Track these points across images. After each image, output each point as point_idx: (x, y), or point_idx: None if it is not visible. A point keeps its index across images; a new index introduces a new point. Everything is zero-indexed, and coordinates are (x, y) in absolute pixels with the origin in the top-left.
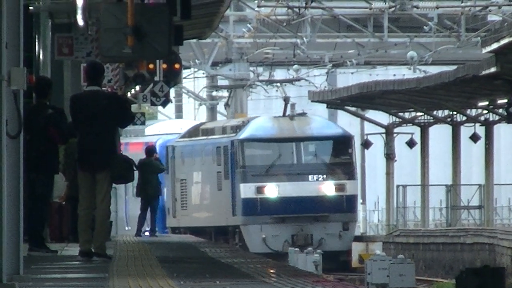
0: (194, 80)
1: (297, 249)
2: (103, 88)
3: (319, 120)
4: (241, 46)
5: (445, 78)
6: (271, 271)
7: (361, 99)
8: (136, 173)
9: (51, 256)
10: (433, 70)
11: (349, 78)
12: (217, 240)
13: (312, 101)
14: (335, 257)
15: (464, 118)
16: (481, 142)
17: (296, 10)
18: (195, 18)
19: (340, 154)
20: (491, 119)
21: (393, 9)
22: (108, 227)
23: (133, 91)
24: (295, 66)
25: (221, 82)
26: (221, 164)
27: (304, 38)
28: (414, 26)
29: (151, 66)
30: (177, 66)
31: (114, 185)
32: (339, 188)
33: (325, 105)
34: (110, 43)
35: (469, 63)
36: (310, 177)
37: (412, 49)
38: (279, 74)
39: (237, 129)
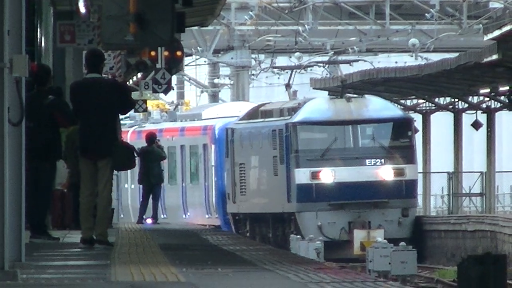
0: (196, 67)
1: (298, 236)
2: (104, 75)
3: (378, 102)
4: (243, 34)
5: (446, 66)
6: (273, 258)
7: (363, 87)
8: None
9: (53, 243)
10: (435, 57)
11: (350, 65)
12: (275, 228)
13: (313, 88)
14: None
15: (466, 105)
16: (483, 129)
17: None
18: (197, 5)
19: (399, 137)
20: (492, 106)
21: None
22: (110, 214)
23: (135, 78)
24: (297, 54)
25: (223, 69)
26: (277, 148)
27: (306, 26)
28: (416, 13)
29: (153, 53)
30: (179, 53)
31: (116, 172)
32: (398, 172)
33: (326, 92)
34: (112, 30)
35: (471, 51)
36: (367, 161)
37: (414, 37)
38: (281, 61)
39: (292, 111)
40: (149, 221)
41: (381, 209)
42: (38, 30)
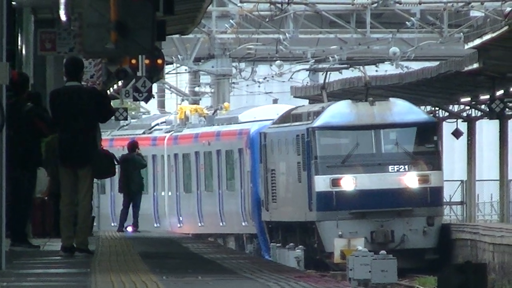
0: (176, 75)
1: (279, 244)
2: (83, 83)
3: (402, 105)
4: (223, 42)
5: (427, 74)
6: (254, 266)
7: (344, 95)
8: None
9: (33, 251)
10: (416, 66)
11: (332, 73)
12: (302, 237)
13: (294, 96)
14: (419, 255)
15: (446, 114)
16: (463, 138)
17: (279, 5)
18: (178, 13)
19: (424, 142)
20: (473, 115)
21: (375, 4)
22: (90, 222)
23: (115, 86)
24: (278, 62)
25: (204, 77)
26: (300, 154)
27: (287, 34)
28: (397, 22)
29: (133, 61)
30: (159, 61)
31: (96, 180)
32: (423, 179)
33: (307, 101)
34: (93, 38)
35: (452, 59)
36: (390, 168)
37: (395, 45)
38: (262, 70)
39: (315, 115)
40: (129, 229)
41: (405, 217)
42: (19, 38)
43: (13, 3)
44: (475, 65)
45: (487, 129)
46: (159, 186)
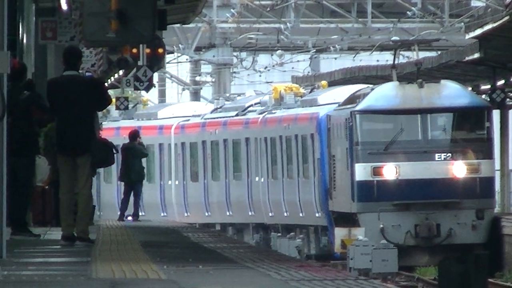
0: (177, 65)
1: (279, 234)
2: (84, 72)
3: (453, 88)
4: (224, 31)
5: (428, 64)
6: (255, 256)
7: (344, 85)
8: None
9: (34, 240)
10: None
11: (332, 63)
12: None
13: None
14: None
15: None
16: None
17: None
18: (179, 2)
19: (474, 129)
20: None
21: None
22: (91, 211)
23: (116, 75)
24: (279, 52)
25: (204, 67)
26: (348, 140)
27: (288, 24)
28: (398, 11)
29: (134, 50)
30: (160, 50)
31: (97, 170)
32: (472, 169)
33: None
34: (94, 27)
35: (453, 49)
36: (437, 156)
37: (396, 35)
38: (263, 59)
39: (363, 97)
40: (129, 218)
41: (452, 210)
42: (20, 27)
43: None
44: (476, 55)
45: None
46: (253, 172)
